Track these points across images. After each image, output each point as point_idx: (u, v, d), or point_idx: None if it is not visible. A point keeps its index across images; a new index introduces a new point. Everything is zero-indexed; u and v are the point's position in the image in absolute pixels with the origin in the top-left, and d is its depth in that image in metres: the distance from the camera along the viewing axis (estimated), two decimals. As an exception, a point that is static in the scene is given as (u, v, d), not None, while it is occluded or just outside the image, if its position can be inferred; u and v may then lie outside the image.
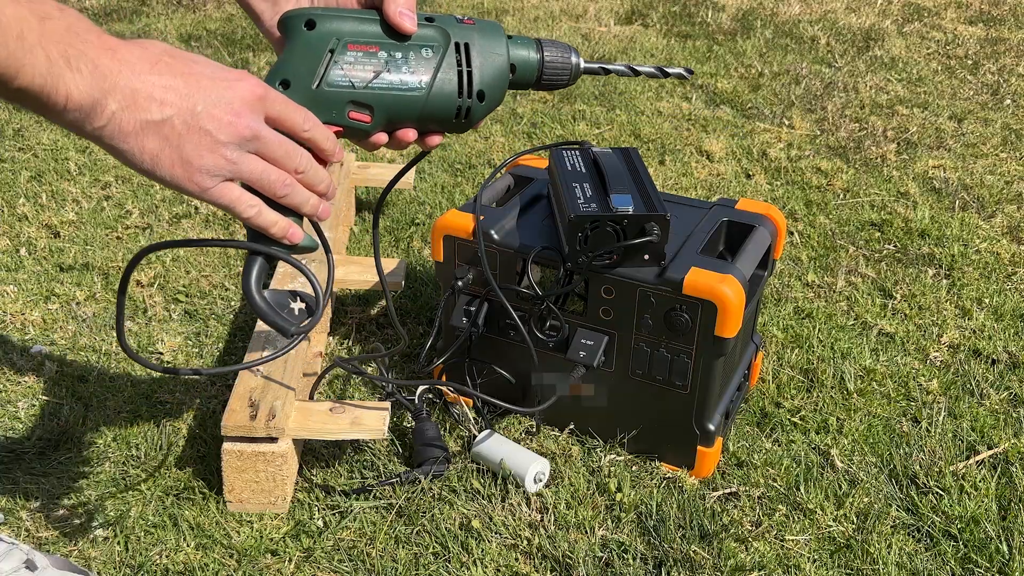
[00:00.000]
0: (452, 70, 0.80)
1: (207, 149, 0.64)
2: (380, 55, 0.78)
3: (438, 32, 0.80)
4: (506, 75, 0.83)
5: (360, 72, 0.77)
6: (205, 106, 0.63)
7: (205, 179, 0.66)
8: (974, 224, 2.00)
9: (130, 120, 0.61)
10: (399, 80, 0.78)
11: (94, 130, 0.61)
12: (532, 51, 0.86)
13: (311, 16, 0.76)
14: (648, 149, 2.35)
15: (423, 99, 0.79)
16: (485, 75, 0.81)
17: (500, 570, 1.13)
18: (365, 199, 2.07)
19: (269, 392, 1.22)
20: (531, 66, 0.85)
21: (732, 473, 1.29)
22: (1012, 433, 1.38)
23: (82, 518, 1.18)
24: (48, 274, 1.72)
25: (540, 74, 0.86)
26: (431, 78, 0.79)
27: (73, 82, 0.58)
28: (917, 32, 3.34)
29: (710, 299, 1.15)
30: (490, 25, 0.83)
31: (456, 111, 0.81)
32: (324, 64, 0.76)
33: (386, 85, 0.78)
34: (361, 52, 0.77)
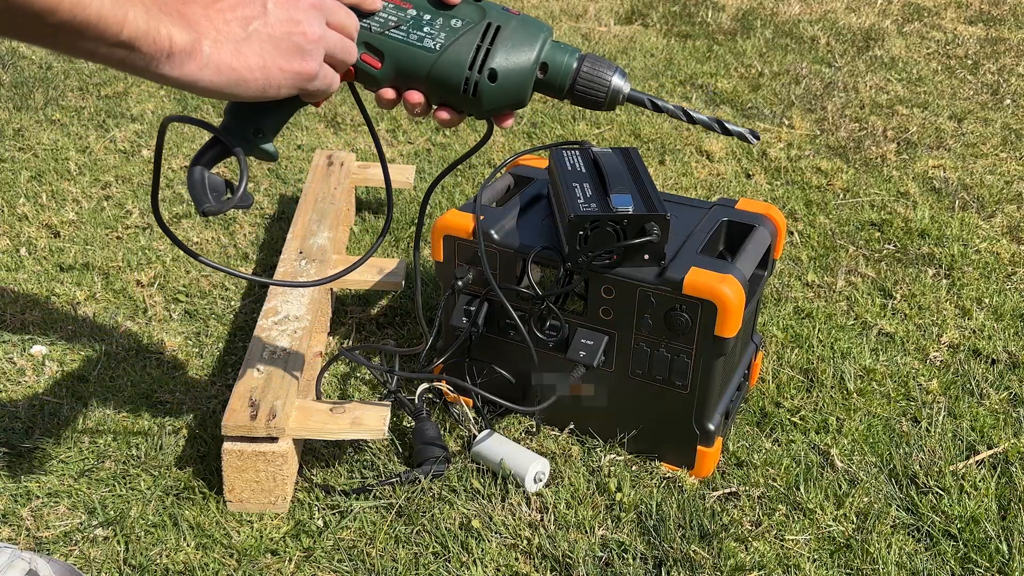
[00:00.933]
0: (471, 44, 0.80)
1: (298, 33, 0.70)
2: (410, 12, 0.79)
3: (476, 10, 0.80)
4: (530, 68, 0.82)
5: (382, 19, 0.78)
6: (274, 4, 0.69)
7: (311, 62, 0.71)
8: (974, 224, 2.00)
9: (225, 51, 0.66)
10: (416, 36, 0.79)
11: (198, 72, 0.65)
12: (570, 57, 0.85)
13: None
14: (648, 149, 2.35)
15: (432, 59, 0.80)
16: (505, 58, 0.81)
17: (500, 570, 1.13)
18: (365, 199, 2.07)
19: (269, 392, 1.22)
20: (564, 70, 0.84)
21: (732, 473, 1.29)
22: (1012, 433, 1.38)
23: (82, 518, 1.19)
24: (48, 274, 1.72)
25: (573, 83, 0.85)
26: (446, 42, 0.80)
27: (174, 27, 0.62)
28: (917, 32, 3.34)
29: (710, 299, 1.15)
30: (535, 22, 0.83)
31: (464, 83, 0.81)
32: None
33: (401, 37, 0.79)
34: (394, 5, 0.79)
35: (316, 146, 2.32)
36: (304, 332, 1.36)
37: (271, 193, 2.07)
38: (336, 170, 1.87)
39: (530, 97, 0.86)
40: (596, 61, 0.86)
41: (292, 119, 2.46)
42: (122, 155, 2.22)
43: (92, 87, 2.61)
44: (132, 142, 2.28)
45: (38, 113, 2.43)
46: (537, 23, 0.84)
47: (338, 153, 1.94)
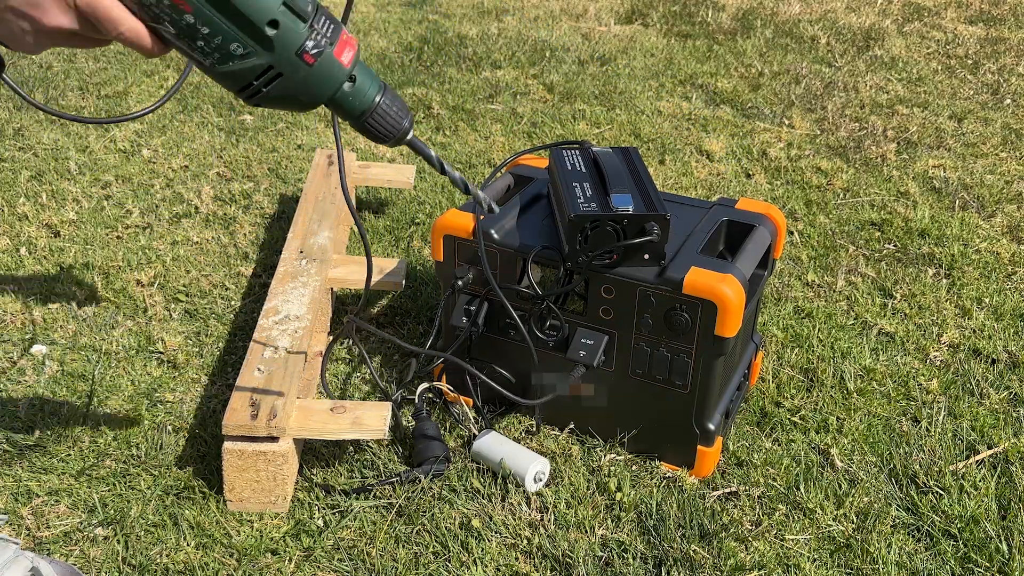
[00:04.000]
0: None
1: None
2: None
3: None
4: (322, 74, 0.79)
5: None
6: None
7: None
8: (974, 224, 2.00)
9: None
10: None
11: None
12: (374, 84, 0.83)
13: None
14: (648, 149, 2.35)
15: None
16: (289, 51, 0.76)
17: (500, 569, 1.13)
18: (365, 198, 2.07)
19: (270, 391, 1.22)
20: (364, 94, 0.82)
21: (732, 472, 1.29)
22: (1012, 433, 1.38)
23: (82, 517, 1.19)
24: (48, 274, 1.72)
25: (369, 110, 0.83)
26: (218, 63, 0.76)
27: None
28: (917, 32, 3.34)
29: (710, 299, 1.15)
30: (354, 59, 0.81)
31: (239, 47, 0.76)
32: None
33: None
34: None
35: (316, 146, 2.32)
36: (304, 332, 1.36)
37: (271, 192, 2.07)
38: (336, 169, 1.87)
39: (323, 102, 0.83)
40: (396, 101, 0.85)
41: (292, 119, 2.46)
42: (122, 155, 2.22)
43: (92, 87, 2.61)
44: (132, 142, 2.28)
45: (38, 112, 2.43)
46: (349, 52, 0.81)
47: (338, 153, 1.94)
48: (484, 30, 3.24)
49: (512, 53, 3.00)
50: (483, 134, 2.41)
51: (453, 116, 2.51)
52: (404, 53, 3.00)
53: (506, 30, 3.24)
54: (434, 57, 2.98)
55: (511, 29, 3.26)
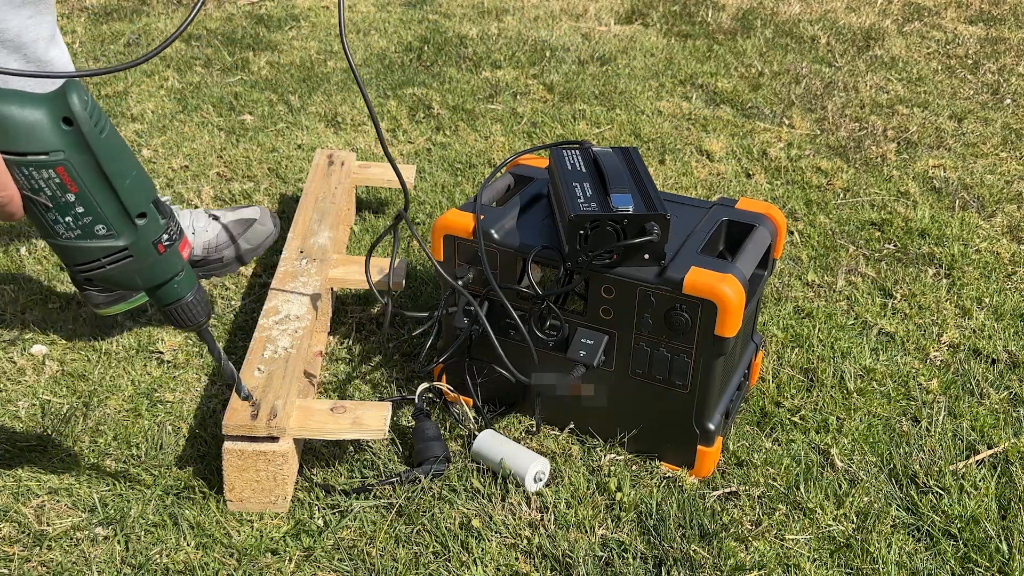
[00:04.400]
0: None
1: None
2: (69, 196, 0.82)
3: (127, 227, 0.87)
4: (165, 262, 0.91)
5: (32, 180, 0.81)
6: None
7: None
8: (974, 224, 2.00)
9: None
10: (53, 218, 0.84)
11: None
12: (192, 281, 0.96)
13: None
14: (648, 148, 2.35)
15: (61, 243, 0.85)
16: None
17: (500, 569, 1.13)
18: (365, 198, 2.07)
19: (270, 391, 1.22)
20: (183, 288, 0.95)
21: (732, 472, 1.29)
22: (1012, 433, 1.38)
23: (82, 516, 1.19)
24: (48, 274, 1.72)
25: (180, 302, 0.95)
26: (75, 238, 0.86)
27: None
28: (917, 32, 3.34)
29: (710, 299, 1.15)
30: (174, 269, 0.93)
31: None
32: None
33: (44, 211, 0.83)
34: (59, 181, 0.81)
35: (316, 145, 2.32)
36: (305, 331, 1.36)
37: (271, 192, 2.07)
38: (337, 169, 1.87)
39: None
40: (202, 303, 0.97)
41: (292, 119, 2.46)
42: (122, 155, 2.22)
43: (92, 86, 2.61)
44: (132, 141, 2.28)
45: (38, 113, 2.43)
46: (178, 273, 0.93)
47: (339, 152, 1.94)
48: (484, 30, 3.24)
49: (512, 53, 3.00)
50: (483, 134, 2.41)
51: (453, 116, 2.51)
52: (404, 53, 3.00)
53: (506, 30, 3.24)
54: (434, 57, 2.98)
55: (511, 29, 3.26)
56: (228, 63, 2.86)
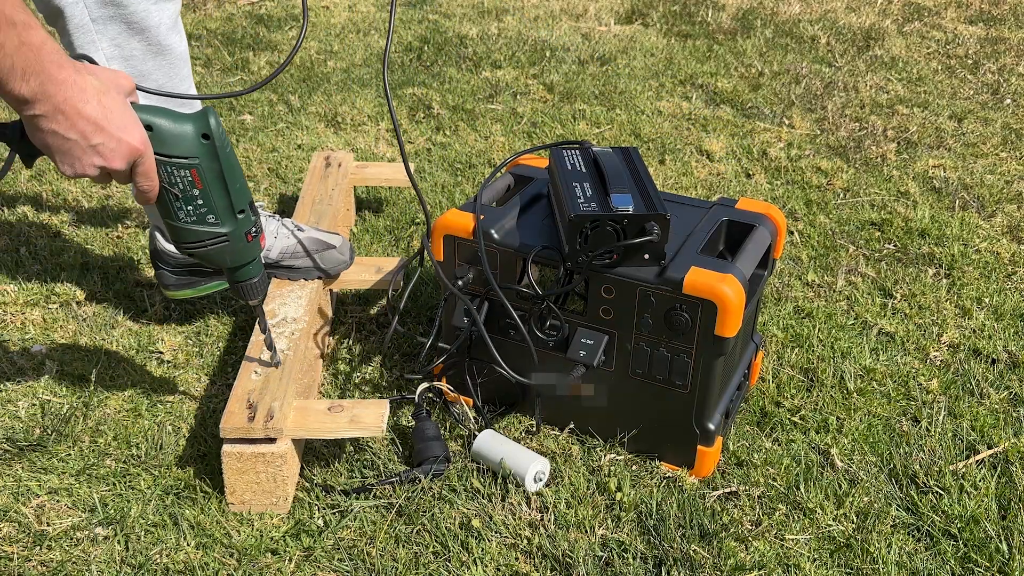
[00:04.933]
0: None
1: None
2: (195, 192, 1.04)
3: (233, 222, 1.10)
4: (249, 249, 1.12)
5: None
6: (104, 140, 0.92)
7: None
8: (974, 224, 2.00)
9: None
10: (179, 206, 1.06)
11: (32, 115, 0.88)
12: (260, 268, 1.17)
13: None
14: (648, 149, 2.35)
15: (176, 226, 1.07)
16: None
17: (500, 569, 1.13)
18: (365, 198, 2.07)
19: (267, 393, 1.22)
20: (252, 272, 1.16)
21: (732, 472, 1.29)
22: (1012, 433, 1.38)
23: (83, 516, 1.19)
24: (48, 274, 1.72)
25: (246, 281, 1.16)
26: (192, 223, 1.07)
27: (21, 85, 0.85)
28: (917, 32, 3.34)
29: (710, 299, 1.15)
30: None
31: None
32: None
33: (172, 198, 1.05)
34: (188, 177, 1.03)
35: (316, 145, 2.32)
36: (302, 334, 1.36)
37: (271, 192, 2.07)
38: (334, 171, 1.87)
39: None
40: (264, 282, 1.19)
41: (292, 119, 2.46)
42: (122, 155, 2.22)
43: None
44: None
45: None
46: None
47: (336, 154, 1.94)
48: (484, 30, 3.24)
49: (512, 53, 3.00)
50: (483, 134, 2.41)
51: (453, 116, 2.51)
52: (404, 53, 3.00)
53: (506, 30, 3.24)
54: (434, 57, 2.98)
55: (511, 29, 3.26)
56: (228, 63, 2.86)
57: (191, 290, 1.50)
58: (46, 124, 0.88)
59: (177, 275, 1.47)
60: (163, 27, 1.28)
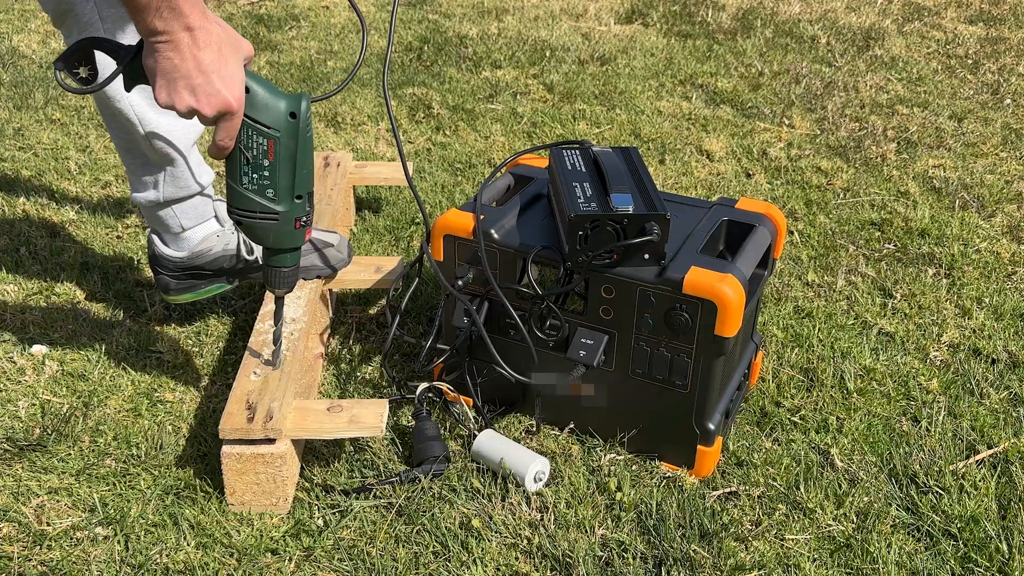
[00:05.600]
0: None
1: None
2: (265, 163, 1.08)
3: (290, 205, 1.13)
4: (295, 236, 1.15)
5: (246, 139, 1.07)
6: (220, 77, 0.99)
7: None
8: (974, 224, 2.00)
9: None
10: (247, 171, 1.09)
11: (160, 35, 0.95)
12: (296, 259, 1.18)
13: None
14: (648, 148, 2.35)
15: (239, 190, 1.11)
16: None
17: (500, 569, 1.13)
18: (365, 198, 2.07)
19: (266, 394, 1.22)
20: (287, 260, 1.17)
21: (732, 472, 1.29)
22: (1012, 432, 1.38)
23: (83, 516, 1.19)
24: (48, 274, 1.72)
25: (278, 267, 1.18)
26: (254, 191, 1.11)
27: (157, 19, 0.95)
28: (917, 31, 3.34)
29: (710, 298, 1.15)
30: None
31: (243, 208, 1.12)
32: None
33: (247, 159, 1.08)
34: (264, 146, 1.07)
35: (316, 146, 2.32)
36: (301, 334, 1.36)
37: (271, 193, 2.07)
38: (333, 171, 1.87)
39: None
40: (295, 274, 1.21)
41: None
42: (122, 155, 2.22)
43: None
44: (132, 142, 2.28)
45: (38, 112, 2.43)
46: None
47: (335, 154, 1.94)
48: (484, 30, 3.24)
49: (512, 53, 3.00)
50: (483, 134, 2.41)
51: (453, 116, 2.51)
52: (404, 53, 3.00)
53: (506, 30, 3.24)
54: (434, 57, 2.98)
55: (511, 29, 3.26)
56: (228, 63, 2.85)
57: (191, 294, 1.50)
58: (165, 50, 0.96)
59: (177, 279, 1.47)
60: None
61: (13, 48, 2.91)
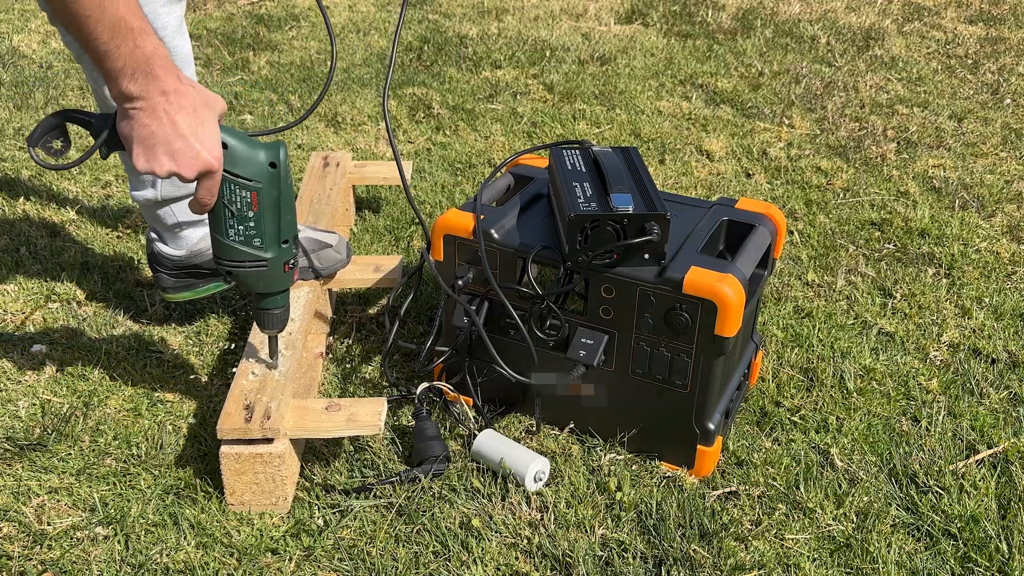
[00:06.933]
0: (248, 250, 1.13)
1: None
2: (249, 213, 1.09)
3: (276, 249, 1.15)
4: (284, 280, 1.17)
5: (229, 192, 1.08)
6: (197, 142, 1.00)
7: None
8: (974, 223, 2.00)
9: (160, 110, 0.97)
10: (230, 224, 1.11)
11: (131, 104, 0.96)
12: (287, 300, 1.21)
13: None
14: (648, 148, 2.35)
15: (224, 242, 1.12)
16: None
17: (500, 569, 1.13)
18: (365, 198, 2.07)
19: (264, 393, 1.22)
20: (278, 303, 1.20)
21: (732, 472, 1.29)
22: (1012, 432, 1.38)
23: (83, 516, 1.19)
24: (48, 273, 1.72)
25: (271, 309, 1.20)
26: (238, 244, 1.12)
27: (129, 83, 0.95)
28: (917, 31, 3.34)
29: (710, 298, 1.15)
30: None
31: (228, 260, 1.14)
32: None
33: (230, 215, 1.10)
34: (247, 198, 1.08)
35: (316, 145, 2.32)
36: (299, 333, 1.36)
37: (271, 193, 2.07)
38: (332, 171, 1.87)
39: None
40: (286, 314, 1.24)
41: (292, 118, 2.46)
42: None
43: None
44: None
45: (38, 112, 2.43)
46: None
47: (334, 154, 1.94)
48: (484, 30, 3.24)
49: (512, 53, 3.00)
50: (483, 134, 2.41)
51: (453, 116, 2.51)
52: (404, 53, 3.01)
53: (506, 30, 3.24)
54: (434, 57, 2.98)
55: (511, 29, 3.26)
56: (228, 63, 2.86)
57: (189, 292, 1.50)
58: (141, 117, 0.96)
59: (175, 277, 1.48)
60: (169, 29, 1.29)
61: (13, 48, 2.91)
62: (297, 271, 1.18)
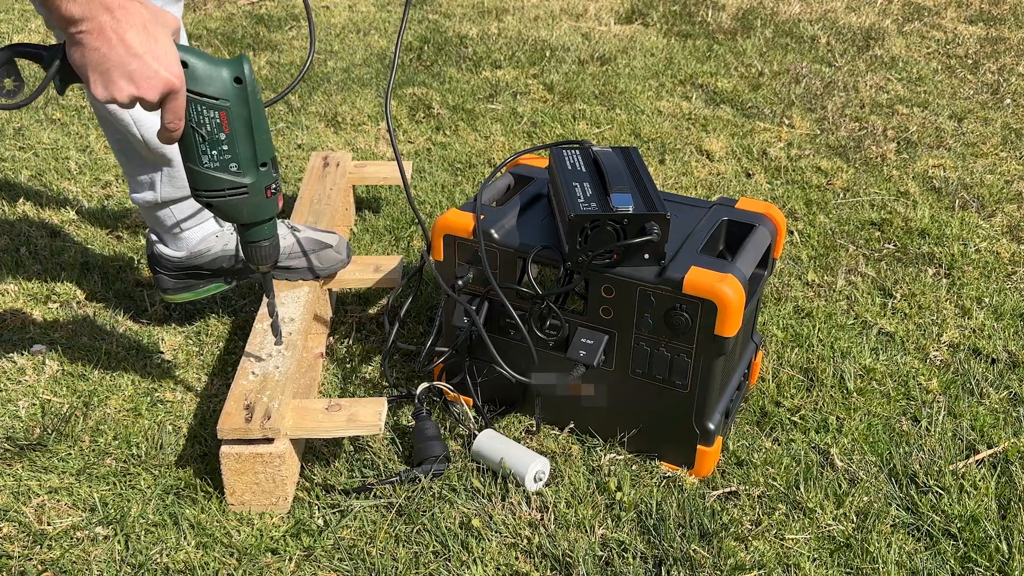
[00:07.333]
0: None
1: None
2: (221, 136, 1.04)
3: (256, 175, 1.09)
4: (266, 206, 1.10)
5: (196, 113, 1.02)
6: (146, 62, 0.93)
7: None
8: (974, 223, 2.00)
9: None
10: (204, 148, 1.05)
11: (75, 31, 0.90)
12: (274, 230, 1.14)
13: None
14: (648, 148, 2.35)
15: (200, 170, 1.07)
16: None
17: (500, 569, 1.13)
18: (365, 198, 2.07)
19: (264, 394, 1.22)
20: (264, 232, 1.14)
21: (732, 472, 1.29)
22: (1012, 432, 1.38)
23: (83, 516, 1.19)
24: (48, 274, 1.72)
25: (257, 242, 1.14)
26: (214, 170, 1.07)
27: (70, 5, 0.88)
28: (917, 31, 3.34)
29: (710, 298, 1.15)
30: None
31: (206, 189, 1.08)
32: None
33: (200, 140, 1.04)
34: (216, 120, 1.03)
35: (316, 145, 2.32)
36: (298, 333, 1.36)
37: (271, 192, 2.07)
38: (332, 171, 1.87)
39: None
40: (275, 248, 1.17)
41: (292, 119, 2.46)
42: (122, 155, 2.22)
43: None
44: (132, 142, 2.28)
45: (38, 112, 2.43)
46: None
47: (334, 154, 1.94)
48: (484, 30, 3.24)
49: (512, 53, 3.00)
50: (483, 134, 2.41)
51: (453, 116, 2.51)
52: (404, 53, 3.00)
53: (506, 30, 3.24)
54: (434, 57, 2.98)
55: (511, 29, 3.26)
56: (228, 63, 2.85)
57: (189, 293, 1.50)
58: (89, 40, 0.90)
59: (175, 279, 1.48)
60: None
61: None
62: (280, 196, 1.12)
